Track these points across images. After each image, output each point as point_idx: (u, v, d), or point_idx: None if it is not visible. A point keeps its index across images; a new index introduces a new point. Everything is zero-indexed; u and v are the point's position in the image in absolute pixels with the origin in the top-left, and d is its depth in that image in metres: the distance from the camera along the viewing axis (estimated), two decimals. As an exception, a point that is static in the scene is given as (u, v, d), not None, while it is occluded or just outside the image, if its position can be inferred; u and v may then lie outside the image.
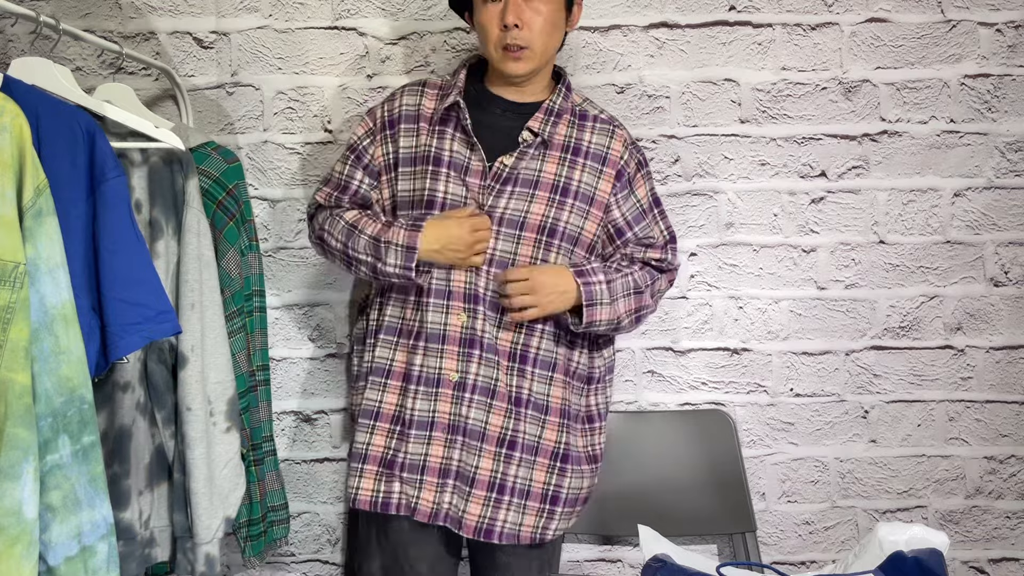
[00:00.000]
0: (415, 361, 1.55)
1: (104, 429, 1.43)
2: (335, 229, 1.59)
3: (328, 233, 1.61)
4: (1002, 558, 1.95)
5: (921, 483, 1.94)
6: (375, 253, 1.53)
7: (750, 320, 1.93)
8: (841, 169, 1.91)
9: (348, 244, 1.56)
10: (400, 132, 1.61)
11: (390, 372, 1.58)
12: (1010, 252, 1.91)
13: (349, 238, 1.57)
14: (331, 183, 1.65)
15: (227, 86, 1.90)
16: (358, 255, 1.55)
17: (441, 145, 1.57)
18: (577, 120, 1.62)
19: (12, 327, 1.11)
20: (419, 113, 1.61)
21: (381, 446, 1.57)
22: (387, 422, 1.57)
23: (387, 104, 1.65)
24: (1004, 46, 1.90)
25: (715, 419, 1.88)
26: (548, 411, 1.57)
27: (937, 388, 1.93)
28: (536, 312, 1.52)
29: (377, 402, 1.58)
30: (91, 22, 1.88)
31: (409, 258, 1.50)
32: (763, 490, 1.94)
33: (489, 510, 1.53)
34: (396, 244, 1.51)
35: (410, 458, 1.54)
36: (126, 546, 1.45)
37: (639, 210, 1.63)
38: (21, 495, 1.09)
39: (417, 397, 1.54)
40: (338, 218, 1.60)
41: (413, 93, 1.63)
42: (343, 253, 1.58)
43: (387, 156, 1.62)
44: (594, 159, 1.60)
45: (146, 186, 1.50)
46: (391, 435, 1.56)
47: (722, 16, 1.90)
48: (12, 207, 1.13)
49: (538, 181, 1.56)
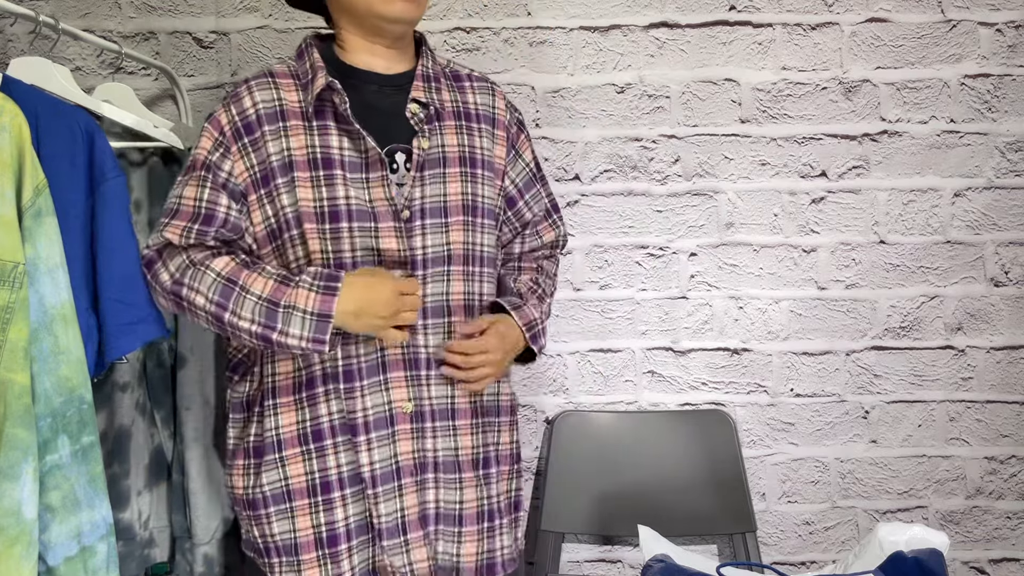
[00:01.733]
0: (353, 407, 1.28)
1: (103, 429, 1.43)
2: (202, 284, 1.23)
3: (190, 289, 1.24)
4: (1002, 558, 1.95)
5: (921, 483, 1.94)
6: (269, 321, 1.20)
7: (750, 320, 1.92)
8: (841, 169, 1.91)
9: (226, 306, 1.22)
10: (265, 137, 1.29)
11: (309, 436, 1.29)
12: (1010, 252, 1.91)
13: (227, 298, 1.22)
14: (182, 214, 1.27)
15: (227, 86, 1.90)
16: (241, 322, 1.21)
17: (326, 143, 1.29)
18: (454, 83, 1.41)
19: (11, 327, 1.11)
20: (283, 109, 1.30)
21: (323, 524, 1.28)
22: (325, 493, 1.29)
23: (234, 107, 1.31)
24: (1004, 46, 1.90)
25: (715, 419, 1.88)
26: (501, 412, 1.40)
27: (938, 388, 1.93)
28: (493, 377, 1.34)
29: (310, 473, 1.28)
30: (90, 22, 1.88)
31: (322, 328, 1.20)
32: (763, 490, 1.93)
33: (485, 544, 1.34)
34: (303, 311, 1.20)
35: (385, 520, 1.28)
36: (125, 546, 1.45)
37: (528, 176, 1.48)
38: (20, 495, 1.09)
39: (371, 448, 1.28)
40: (203, 269, 1.24)
41: (265, 87, 1.32)
42: (215, 317, 1.23)
43: (252, 170, 1.29)
44: (485, 122, 1.41)
45: (146, 186, 1.50)
46: (334, 505, 1.28)
47: (722, 16, 1.90)
48: (11, 207, 1.13)
49: (445, 158, 1.34)
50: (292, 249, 1.29)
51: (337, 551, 1.28)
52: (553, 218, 1.54)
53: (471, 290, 1.36)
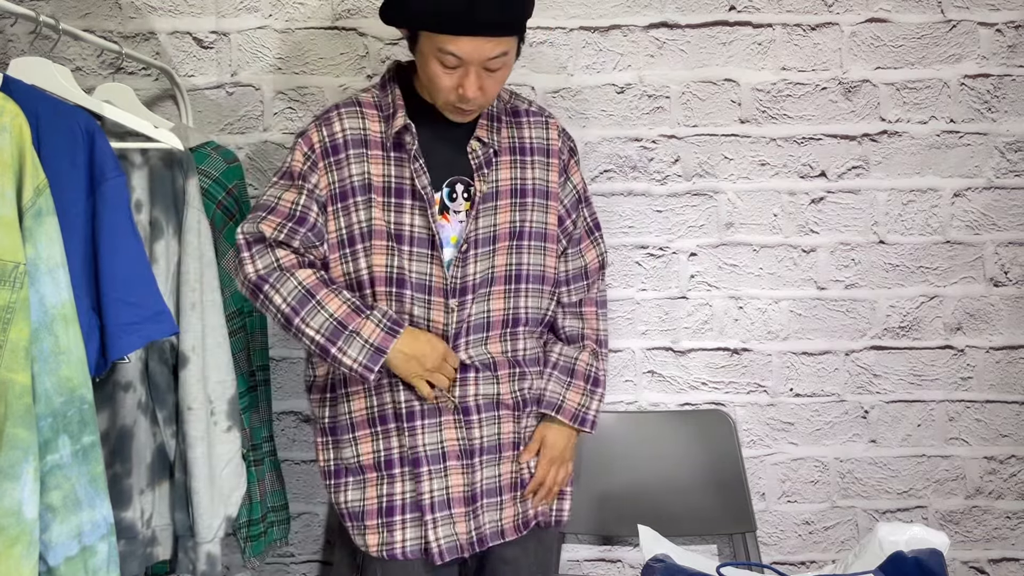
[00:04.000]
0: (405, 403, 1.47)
1: (106, 429, 1.43)
2: (283, 287, 1.41)
3: (273, 288, 1.41)
4: (1002, 558, 1.95)
5: (921, 483, 1.94)
6: (333, 337, 1.39)
7: (750, 320, 1.93)
8: (841, 169, 1.91)
9: (299, 313, 1.40)
10: (349, 160, 1.45)
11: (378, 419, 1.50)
12: (1010, 252, 1.91)
13: (302, 306, 1.40)
14: (279, 212, 1.44)
15: (227, 86, 1.90)
16: (308, 329, 1.40)
17: (400, 173, 1.45)
18: (512, 119, 1.55)
19: (12, 327, 1.11)
20: (366, 139, 1.46)
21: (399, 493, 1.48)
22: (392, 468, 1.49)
23: (324, 128, 1.47)
24: (1004, 46, 1.90)
25: (715, 419, 1.88)
26: (525, 405, 1.56)
27: (937, 388, 1.93)
28: (565, 478, 1.57)
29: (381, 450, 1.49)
30: (91, 22, 1.88)
31: (375, 359, 1.39)
32: (763, 490, 1.94)
33: (518, 506, 1.53)
34: (365, 340, 1.39)
35: (435, 496, 1.47)
36: (128, 545, 1.45)
37: (575, 197, 1.59)
38: (21, 495, 1.09)
39: (424, 432, 1.47)
40: (288, 275, 1.41)
41: (353, 116, 1.48)
42: (286, 319, 1.41)
43: (333, 185, 1.46)
44: (539, 153, 1.55)
45: (146, 186, 1.50)
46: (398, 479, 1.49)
47: (722, 16, 1.90)
48: (12, 207, 1.13)
49: (497, 191, 1.50)
50: (362, 259, 1.46)
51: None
52: (595, 235, 1.64)
53: (512, 305, 1.52)
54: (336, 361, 1.40)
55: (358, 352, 1.39)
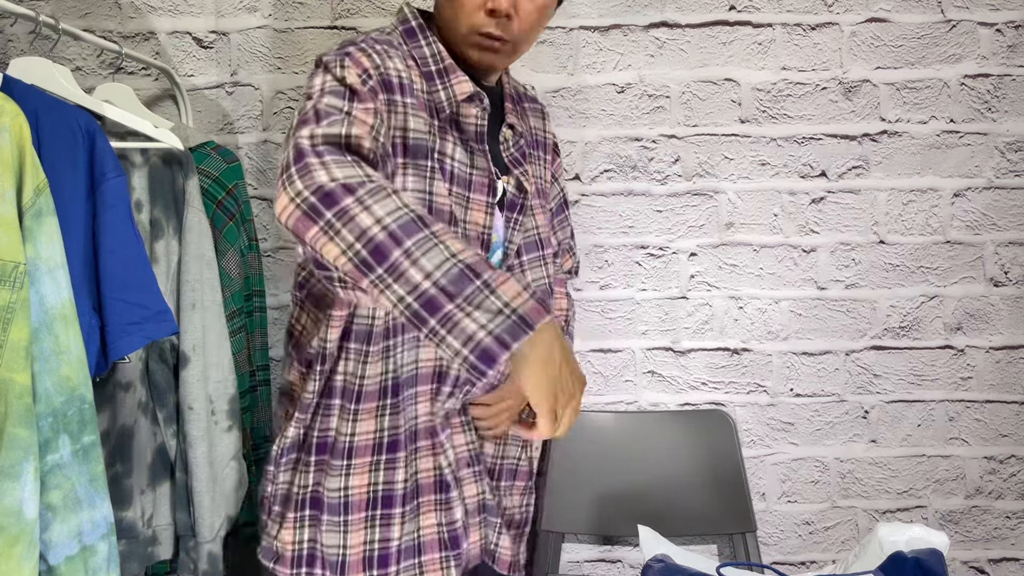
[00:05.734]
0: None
1: (106, 428, 1.43)
2: (380, 204, 0.91)
3: (359, 202, 0.91)
4: (1002, 558, 1.95)
5: (921, 483, 1.94)
6: (454, 286, 0.88)
7: (750, 320, 1.93)
8: (841, 169, 1.91)
9: (402, 241, 0.90)
10: (406, 109, 1.11)
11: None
12: (1010, 252, 1.91)
13: (409, 233, 0.90)
14: (357, 122, 1.02)
15: (227, 86, 1.90)
16: (412, 268, 0.89)
17: (443, 148, 1.15)
18: (518, 104, 1.34)
19: (12, 327, 1.11)
20: (415, 94, 1.13)
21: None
22: None
23: (375, 56, 1.10)
24: (1004, 46, 1.90)
25: (715, 419, 1.88)
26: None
27: (937, 388, 1.93)
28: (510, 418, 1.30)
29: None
30: (91, 22, 1.88)
31: (514, 332, 0.88)
32: (763, 490, 1.94)
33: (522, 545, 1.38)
34: (505, 301, 0.89)
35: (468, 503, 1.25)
36: (128, 545, 1.45)
37: (561, 201, 1.47)
38: (21, 495, 1.09)
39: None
40: (388, 190, 0.93)
41: (397, 58, 1.14)
42: (376, 248, 0.90)
43: (394, 134, 1.09)
44: (541, 148, 1.37)
45: (146, 186, 1.50)
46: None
47: (722, 16, 1.90)
48: (12, 207, 1.13)
49: (527, 188, 1.27)
50: None
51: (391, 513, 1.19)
52: (571, 243, 1.56)
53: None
54: (448, 324, 0.88)
55: (491, 317, 0.87)
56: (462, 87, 1.15)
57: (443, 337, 0.88)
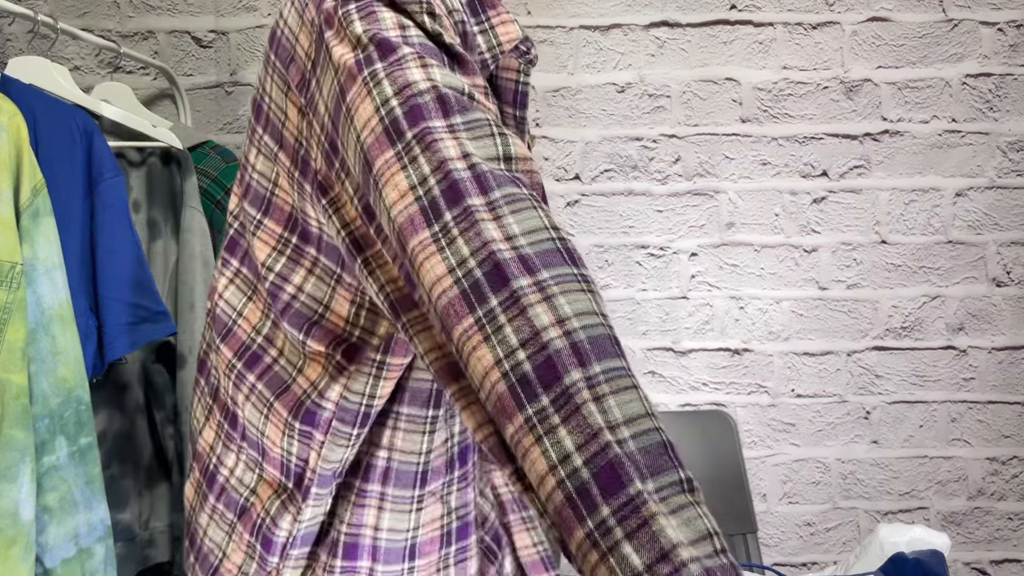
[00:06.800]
0: None
1: (103, 429, 1.42)
2: (569, 294, 0.52)
3: (541, 290, 0.51)
4: (1004, 559, 1.94)
5: (923, 484, 1.93)
6: (652, 463, 0.50)
7: (751, 320, 1.92)
8: (843, 169, 1.91)
9: (588, 363, 0.50)
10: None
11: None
12: (1012, 252, 1.91)
13: (602, 354, 0.51)
14: (493, 129, 0.58)
15: (226, 85, 1.90)
16: (597, 411, 0.48)
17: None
18: None
19: (9, 327, 1.11)
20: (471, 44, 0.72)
21: None
22: None
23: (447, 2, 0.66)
24: (1006, 45, 1.89)
25: (716, 420, 1.88)
26: None
27: (939, 389, 1.92)
28: None
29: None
30: (89, 21, 1.87)
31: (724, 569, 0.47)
32: (764, 491, 1.93)
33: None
34: (715, 528, 0.50)
35: None
36: (125, 547, 1.44)
37: None
38: (18, 497, 1.09)
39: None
40: (581, 278, 0.53)
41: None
42: (546, 360, 0.49)
43: None
44: None
45: (144, 186, 1.50)
46: None
47: (723, 15, 1.90)
48: (9, 207, 1.12)
49: None
50: None
51: None
52: None
53: None
54: (636, 522, 0.47)
55: (696, 533, 0.50)
56: (507, 30, 0.74)
57: (616, 542, 0.47)
